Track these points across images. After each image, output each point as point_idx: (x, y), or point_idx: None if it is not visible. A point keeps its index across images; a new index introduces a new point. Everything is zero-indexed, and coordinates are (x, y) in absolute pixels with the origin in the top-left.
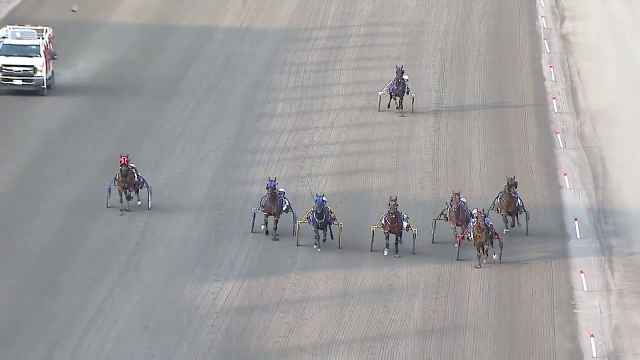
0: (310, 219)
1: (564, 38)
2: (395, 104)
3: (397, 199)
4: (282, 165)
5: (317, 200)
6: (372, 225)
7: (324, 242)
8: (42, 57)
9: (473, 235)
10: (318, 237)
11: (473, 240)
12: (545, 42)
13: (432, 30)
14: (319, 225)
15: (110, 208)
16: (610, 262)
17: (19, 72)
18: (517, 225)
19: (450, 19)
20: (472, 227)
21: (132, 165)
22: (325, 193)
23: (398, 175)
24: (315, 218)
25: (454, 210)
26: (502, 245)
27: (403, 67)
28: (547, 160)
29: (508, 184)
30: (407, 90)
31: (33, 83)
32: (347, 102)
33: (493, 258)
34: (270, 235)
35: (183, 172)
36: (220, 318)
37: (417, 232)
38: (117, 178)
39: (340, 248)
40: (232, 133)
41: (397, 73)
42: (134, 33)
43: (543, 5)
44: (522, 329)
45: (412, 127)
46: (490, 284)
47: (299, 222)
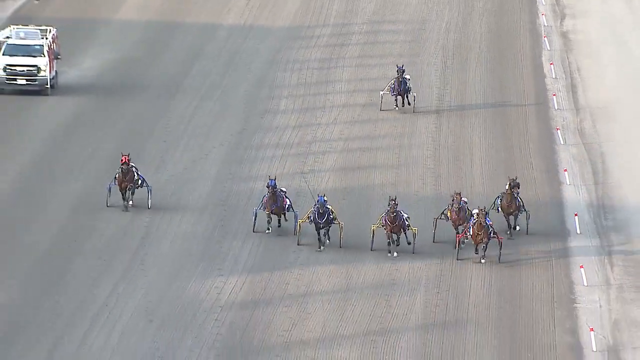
0: (312, 219)
1: (564, 35)
2: (395, 103)
3: (396, 199)
4: (285, 161)
5: (319, 200)
6: (372, 225)
7: (325, 242)
8: (45, 57)
9: (472, 233)
10: (320, 238)
11: (472, 238)
12: (546, 39)
13: (433, 28)
14: (321, 225)
15: (112, 207)
16: (610, 257)
17: (23, 71)
18: (517, 228)
19: (452, 17)
20: (471, 225)
21: (132, 165)
22: (328, 189)
23: (400, 171)
24: (317, 218)
25: (455, 210)
26: (501, 245)
27: (404, 66)
28: (547, 157)
29: (510, 185)
30: (408, 89)
31: (37, 83)
32: (349, 99)
33: (482, 261)
34: (274, 232)
35: (187, 168)
36: (224, 312)
37: (417, 231)
38: (117, 177)
39: (341, 247)
40: (235, 130)
41: (397, 72)
42: (139, 31)
43: (543, 3)
44: (522, 323)
45: (413, 123)
46: (491, 279)
47: (300, 221)
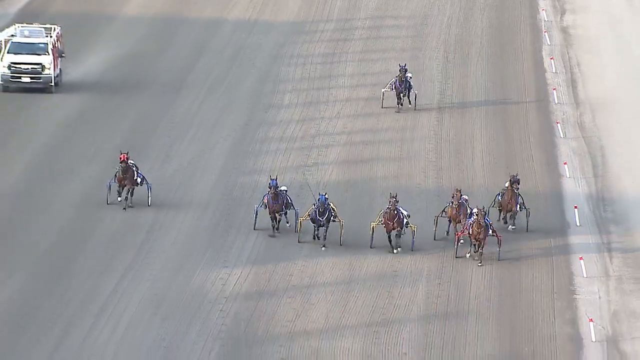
0: (312, 216)
1: (564, 30)
2: (398, 101)
3: (397, 196)
4: (289, 155)
5: (319, 199)
6: (372, 222)
7: (325, 239)
8: (50, 55)
9: (472, 231)
10: (318, 235)
11: (471, 236)
12: (546, 34)
13: (435, 23)
14: (321, 223)
15: (112, 204)
16: (609, 248)
17: (28, 69)
18: (513, 226)
19: (453, 12)
20: (471, 223)
21: (131, 162)
22: (331, 181)
23: (402, 164)
24: (318, 216)
25: (455, 208)
26: (500, 243)
27: (406, 64)
28: (547, 150)
29: (511, 181)
30: (409, 87)
31: (41, 81)
32: (352, 93)
33: (478, 260)
34: (274, 232)
35: (192, 161)
36: (229, 303)
37: (416, 228)
38: (117, 175)
39: (342, 245)
40: (240, 123)
41: (400, 71)
42: (144, 27)
43: None
44: (523, 314)
45: (415, 117)
46: (492, 271)
47: (301, 218)
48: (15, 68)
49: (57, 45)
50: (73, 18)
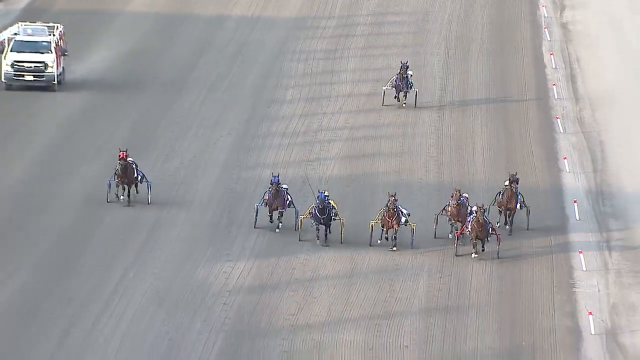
0: (313, 215)
1: (564, 26)
2: (398, 98)
3: (396, 194)
4: (291, 150)
5: (319, 197)
6: (371, 221)
7: (326, 237)
8: (53, 53)
9: (471, 229)
10: (319, 232)
11: (470, 234)
12: (546, 30)
13: (436, 19)
14: (321, 221)
15: (112, 202)
16: (608, 242)
17: (30, 68)
18: (510, 234)
19: (454, 9)
20: (470, 221)
21: (131, 160)
22: (333, 176)
23: (404, 159)
24: (318, 214)
25: (454, 206)
26: (499, 241)
27: (407, 62)
28: (547, 145)
29: (510, 180)
30: (410, 86)
31: (44, 79)
32: (354, 88)
33: (482, 253)
34: (274, 225)
35: (196, 156)
36: (233, 296)
37: (415, 227)
38: (116, 173)
39: (342, 243)
40: (243, 119)
41: (401, 68)
42: (147, 23)
43: None
44: (523, 308)
45: (417, 112)
46: (492, 265)
47: (302, 217)
48: (19, 66)
49: (60, 44)
50: (76, 15)
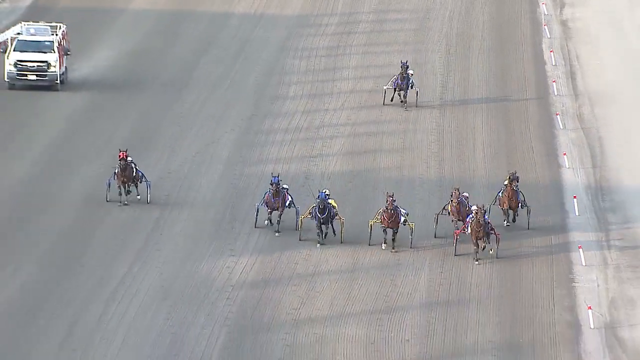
0: (313, 214)
1: (564, 24)
2: (400, 98)
3: (394, 195)
4: (294, 146)
5: (319, 196)
6: (370, 220)
7: (326, 237)
8: (55, 53)
9: (471, 229)
10: (321, 232)
11: (470, 234)
12: (546, 27)
13: (437, 17)
14: (322, 221)
15: (111, 202)
16: (607, 237)
17: (33, 67)
18: (508, 223)
19: (455, 6)
20: (470, 221)
21: (130, 160)
22: (335, 172)
23: (405, 155)
24: (318, 213)
25: (454, 205)
26: (498, 241)
27: (408, 62)
28: (547, 141)
29: (510, 178)
30: (411, 85)
31: (47, 78)
32: (356, 85)
33: (490, 253)
34: (273, 228)
35: (199, 153)
36: (236, 291)
37: (414, 226)
38: (116, 172)
39: (342, 243)
40: (246, 115)
41: (401, 68)
42: (151, 21)
43: None
44: (523, 302)
45: (418, 109)
46: (493, 260)
47: (302, 217)
48: (21, 66)
49: (62, 43)
50: (80, 14)
